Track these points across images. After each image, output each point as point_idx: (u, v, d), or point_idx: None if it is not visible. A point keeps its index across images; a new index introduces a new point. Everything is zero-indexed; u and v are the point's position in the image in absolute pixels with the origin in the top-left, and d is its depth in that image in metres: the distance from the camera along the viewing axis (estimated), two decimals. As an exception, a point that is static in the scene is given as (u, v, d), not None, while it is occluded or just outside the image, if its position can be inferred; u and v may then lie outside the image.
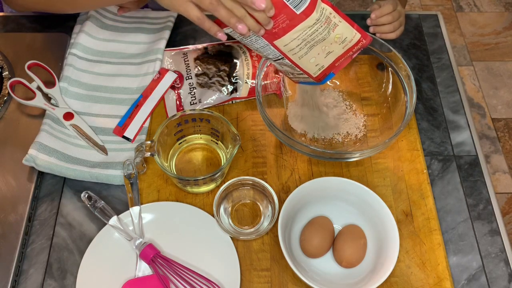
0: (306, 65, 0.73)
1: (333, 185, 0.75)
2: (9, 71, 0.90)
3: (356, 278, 0.71)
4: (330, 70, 0.74)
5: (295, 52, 0.70)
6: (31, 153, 0.78)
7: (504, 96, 2.01)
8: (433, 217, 0.78)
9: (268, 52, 0.71)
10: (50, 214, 0.77)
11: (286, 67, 0.74)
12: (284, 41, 0.69)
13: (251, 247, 0.75)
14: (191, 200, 0.78)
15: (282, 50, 0.70)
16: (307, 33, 0.68)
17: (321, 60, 0.73)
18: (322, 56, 0.72)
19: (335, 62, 0.74)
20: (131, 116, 0.84)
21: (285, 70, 0.76)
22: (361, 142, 0.84)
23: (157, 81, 0.88)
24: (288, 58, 0.71)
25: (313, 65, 0.73)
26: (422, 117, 0.89)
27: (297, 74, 0.75)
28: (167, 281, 0.69)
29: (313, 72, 0.74)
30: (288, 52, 0.70)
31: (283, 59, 0.72)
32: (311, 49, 0.71)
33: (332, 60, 0.73)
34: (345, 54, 0.74)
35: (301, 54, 0.71)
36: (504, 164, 1.83)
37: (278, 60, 0.73)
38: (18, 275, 0.72)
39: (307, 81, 0.77)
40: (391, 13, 0.93)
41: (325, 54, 0.72)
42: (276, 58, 0.72)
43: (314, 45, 0.70)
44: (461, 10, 2.30)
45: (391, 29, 0.95)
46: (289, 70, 0.75)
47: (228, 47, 0.92)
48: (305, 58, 0.71)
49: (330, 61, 0.74)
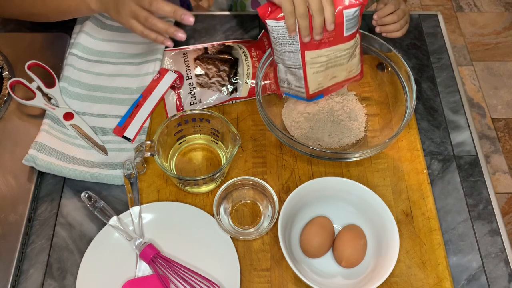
0: (312, 81, 0.76)
1: (333, 185, 0.75)
2: (9, 71, 0.90)
3: (356, 278, 0.71)
4: (322, 92, 0.79)
5: (314, 67, 0.73)
6: (31, 153, 0.78)
7: (504, 96, 2.01)
8: (433, 217, 0.78)
9: (292, 58, 0.73)
10: (50, 214, 0.77)
11: (292, 76, 0.76)
12: (314, 54, 0.71)
13: (251, 247, 0.75)
14: (191, 200, 0.78)
15: (306, 61, 0.72)
16: (336, 55, 0.73)
17: (325, 81, 0.77)
18: (328, 78, 0.77)
19: (332, 86, 0.79)
20: (131, 116, 0.84)
21: (286, 78, 0.77)
22: (361, 142, 0.84)
23: (157, 81, 0.88)
24: (304, 70, 0.73)
25: (316, 83, 0.77)
26: (422, 117, 0.89)
27: (295, 86, 0.78)
28: (167, 281, 0.69)
29: (311, 89, 0.77)
30: (308, 65, 0.73)
31: (299, 69, 0.74)
32: (327, 69, 0.75)
33: (331, 84, 0.79)
34: (342, 82, 0.79)
35: (317, 70, 0.74)
36: (504, 164, 1.83)
37: (293, 69, 0.75)
38: (18, 275, 0.72)
39: (298, 95, 0.80)
40: (395, 12, 0.92)
41: (331, 77, 0.76)
42: (294, 66, 0.74)
43: (331, 67, 0.75)
44: (461, 10, 2.30)
45: (397, 28, 0.93)
46: (292, 80, 0.77)
47: (228, 47, 0.92)
48: (316, 75, 0.75)
49: (329, 84, 0.78)
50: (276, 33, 0.71)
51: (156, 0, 0.71)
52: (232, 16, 1.02)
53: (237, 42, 0.94)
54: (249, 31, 1.00)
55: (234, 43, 0.94)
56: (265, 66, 0.84)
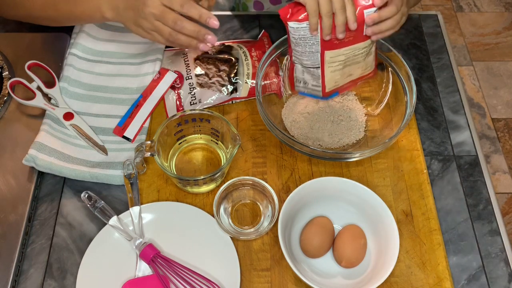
0: (330, 80, 0.76)
1: (333, 185, 0.75)
2: (9, 71, 0.90)
3: (356, 278, 0.71)
4: (337, 90, 0.79)
5: (333, 66, 0.74)
6: (31, 153, 0.78)
7: (504, 96, 2.01)
8: (433, 217, 0.78)
9: (311, 58, 0.74)
10: (50, 214, 0.77)
11: (309, 76, 0.77)
12: (334, 53, 0.72)
13: (251, 247, 0.75)
14: (191, 200, 0.78)
15: (325, 60, 0.73)
16: (354, 53, 0.73)
17: (341, 79, 0.77)
18: (344, 76, 0.78)
19: (346, 84, 0.79)
20: (131, 116, 0.84)
21: (303, 77, 0.78)
22: (361, 142, 0.84)
23: (157, 81, 0.88)
24: (322, 69, 0.74)
25: (333, 81, 0.77)
26: (422, 117, 0.89)
27: (311, 86, 0.79)
28: (167, 281, 0.69)
29: (328, 88, 0.78)
30: (327, 64, 0.74)
31: (317, 68, 0.74)
32: (344, 68, 0.75)
33: (346, 82, 0.79)
34: (357, 80, 0.79)
35: (335, 69, 0.75)
36: (504, 164, 1.83)
37: (311, 68, 0.75)
38: (18, 275, 0.72)
39: (314, 93, 0.80)
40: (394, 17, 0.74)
41: (347, 75, 0.78)
42: (312, 66, 0.75)
43: (348, 65, 0.75)
44: (461, 10, 2.30)
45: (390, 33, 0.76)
46: (308, 79, 0.77)
47: (228, 47, 0.92)
48: (334, 73, 0.75)
49: (345, 82, 0.79)
50: (297, 35, 0.71)
51: (187, 1, 0.70)
52: (232, 16, 1.02)
53: (237, 42, 0.94)
54: (249, 31, 1.00)
55: (234, 43, 0.94)
56: (265, 66, 0.84)
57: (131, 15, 0.74)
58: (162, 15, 0.71)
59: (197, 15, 0.71)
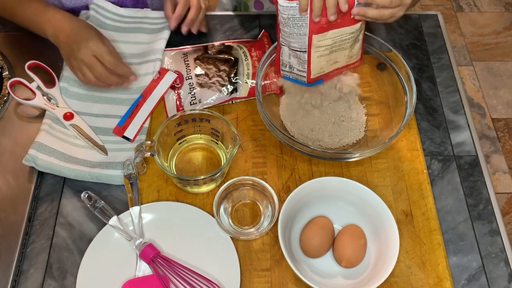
0: (315, 65, 0.75)
1: (333, 185, 0.75)
2: (9, 71, 0.90)
3: (356, 278, 0.71)
4: (322, 77, 0.78)
5: (319, 50, 0.73)
6: (31, 153, 0.78)
7: (504, 96, 2.01)
8: (433, 217, 0.78)
9: (299, 41, 0.73)
10: (50, 214, 0.77)
11: (296, 60, 0.76)
12: (321, 37, 0.71)
13: (251, 247, 0.75)
14: (191, 200, 0.78)
15: (312, 44, 0.72)
16: (341, 38, 0.73)
17: (327, 66, 0.76)
18: (330, 63, 0.77)
19: (332, 72, 0.78)
20: (131, 116, 0.84)
21: (289, 61, 0.77)
22: (361, 142, 0.84)
23: (157, 81, 0.88)
24: (309, 53, 0.73)
25: (319, 67, 0.76)
26: (422, 117, 0.89)
27: (297, 70, 0.77)
28: (167, 281, 0.69)
29: (313, 74, 0.76)
30: (314, 48, 0.73)
31: (303, 52, 0.73)
32: (330, 53, 0.75)
33: (332, 69, 0.78)
34: (342, 68, 0.79)
35: (321, 54, 0.74)
36: (504, 164, 1.83)
37: (298, 52, 0.74)
38: (18, 275, 0.72)
39: (299, 79, 0.79)
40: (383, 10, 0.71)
41: (333, 62, 0.76)
42: (299, 49, 0.74)
43: (335, 51, 0.74)
44: (461, 10, 2.30)
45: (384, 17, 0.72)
46: (294, 63, 0.76)
47: (228, 47, 0.92)
48: (320, 59, 0.74)
49: (330, 70, 0.78)
50: (286, 14, 0.71)
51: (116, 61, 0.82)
52: (232, 16, 1.02)
53: (237, 42, 0.94)
54: (249, 31, 1.00)
55: (234, 43, 0.94)
56: (265, 66, 0.84)
57: (66, 50, 0.83)
58: (90, 65, 0.81)
59: (122, 73, 0.84)
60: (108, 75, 0.82)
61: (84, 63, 0.81)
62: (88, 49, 0.80)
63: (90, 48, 0.80)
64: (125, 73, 0.84)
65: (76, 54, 0.81)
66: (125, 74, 0.84)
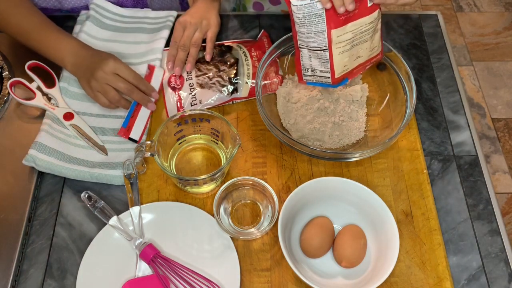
0: (338, 63, 0.74)
1: (333, 185, 0.75)
2: (9, 71, 0.90)
3: (356, 278, 0.71)
4: (347, 75, 0.77)
5: (340, 46, 0.72)
6: (31, 153, 0.78)
7: (504, 96, 2.01)
8: (433, 217, 0.78)
9: (317, 39, 0.72)
10: (50, 214, 0.77)
11: (317, 60, 0.75)
12: (340, 31, 0.70)
13: (251, 247, 0.75)
14: (191, 200, 0.78)
15: (332, 40, 0.71)
16: (361, 29, 0.71)
17: (350, 62, 0.75)
18: (352, 59, 0.75)
19: (356, 68, 0.77)
20: (133, 116, 0.84)
21: (310, 64, 0.76)
22: (361, 142, 0.84)
23: (149, 77, 0.88)
24: (330, 51, 0.72)
25: (342, 65, 0.75)
26: (422, 117, 0.89)
27: (320, 72, 0.76)
28: (167, 281, 0.69)
29: (337, 73, 0.75)
30: (334, 45, 0.72)
31: (324, 50, 0.73)
32: (352, 48, 0.73)
33: (355, 65, 0.77)
34: (365, 62, 0.78)
35: (343, 50, 0.73)
36: (504, 164, 1.83)
37: (318, 51, 0.73)
38: (18, 275, 0.72)
39: (323, 82, 0.78)
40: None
41: (355, 57, 0.75)
42: (319, 48, 0.73)
43: (356, 45, 0.73)
44: (461, 10, 2.30)
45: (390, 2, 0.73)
46: (316, 65, 0.75)
47: (228, 47, 0.92)
48: (342, 55, 0.73)
49: (354, 66, 0.77)
50: (301, 13, 0.70)
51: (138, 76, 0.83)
52: (232, 16, 1.02)
53: (237, 42, 0.94)
54: (249, 31, 1.00)
55: (234, 43, 0.94)
56: (265, 66, 0.84)
57: (88, 75, 0.82)
58: (114, 81, 0.81)
59: (144, 88, 0.84)
60: (133, 90, 0.82)
61: (106, 80, 0.81)
62: (109, 67, 0.80)
63: (111, 66, 0.81)
64: (147, 88, 0.85)
65: (97, 73, 0.80)
66: (147, 90, 0.84)
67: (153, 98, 0.85)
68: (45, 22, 0.87)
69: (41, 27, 0.86)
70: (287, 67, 0.89)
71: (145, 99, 0.84)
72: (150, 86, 0.86)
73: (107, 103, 0.83)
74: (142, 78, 0.84)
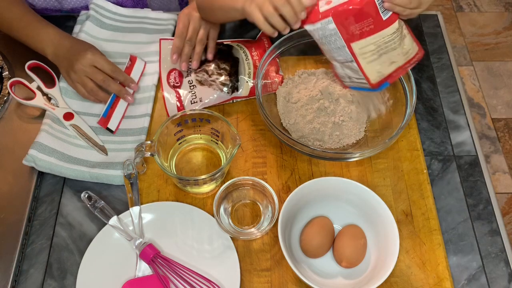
0: (370, 71, 0.75)
1: (333, 185, 0.75)
2: (9, 71, 0.90)
3: (356, 278, 0.71)
4: (387, 79, 0.77)
5: (366, 57, 0.73)
6: (31, 153, 0.78)
7: (504, 96, 2.01)
8: (433, 217, 0.78)
9: (341, 53, 0.73)
10: (50, 214, 0.77)
11: (349, 70, 0.76)
12: (361, 44, 0.71)
13: (251, 247, 0.75)
14: (191, 200, 0.78)
15: (355, 53, 0.72)
16: (384, 40, 0.72)
17: (384, 68, 0.75)
18: (385, 65, 0.75)
19: (394, 72, 0.77)
20: (112, 107, 0.85)
21: (345, 73, 0.77)
22: (361, 142, 0.84)
23: (130, 69, 0.89)
24: (357, 62, 0.73)
25: (375, 72, 0.75)
26: (422, 117, 0.89)
27: (356, 79, 0.77)
28: (167, 281, 0.69)
29: (372, 79, 0.76)
30: (360, 56, 0.73)
31: (352, 62, 0.74)
32: (380, 56, 0.74)
33: (393, 70, 0.76)
34: (404, 65, 0.77)
35: (370, 59, 0.73)
36: (504, 164, 1.83)
37: (346, 63, 0.75)
38: (18, 275, 0.72)
39: (363, 86, 0.79)
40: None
41: (389, 63, 0.75)
42: (346, 61, 0.74)
43: (384, 53, 0.73)
44: (461, 10, 2.30)
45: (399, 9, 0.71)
46: (350, 73, 0.77)
47: (228, 47, 0.92)
48: (372, 64, 0.74)
49: (391, 70, 0.77)
50: (317, 35, 0.72)
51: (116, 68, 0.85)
52: (232, 16, 1.02)
53: (237, 42, 0.94)
54: (249, 31, 1.00)
55: (234, 43, 0.94)
56: (265, 66, 0.84)
57: (65, 64, 0.84)
58: (92, 73, 0.83)
59: (122, 79, 0.85)
60: (110, 81, 0.84)
61: (84, 73, 0.83)
62: (87, 59, 0.82)
63: (89, 58, 0.82)
64: (125, 79, 0.86)
65: (76, 66, 0.82)
66: (125, 81, 0.86)
67: (131, 90, 0.87)
68: (27, 12, 0.88)
69: (22, 17, 0.87)
70: (287, 67, 0.89)
71: (122, 91, 0.85)
72: (129, 78, 0.87)
73: (86, 95, 0.85)
74: (120, 70, 0.86)
